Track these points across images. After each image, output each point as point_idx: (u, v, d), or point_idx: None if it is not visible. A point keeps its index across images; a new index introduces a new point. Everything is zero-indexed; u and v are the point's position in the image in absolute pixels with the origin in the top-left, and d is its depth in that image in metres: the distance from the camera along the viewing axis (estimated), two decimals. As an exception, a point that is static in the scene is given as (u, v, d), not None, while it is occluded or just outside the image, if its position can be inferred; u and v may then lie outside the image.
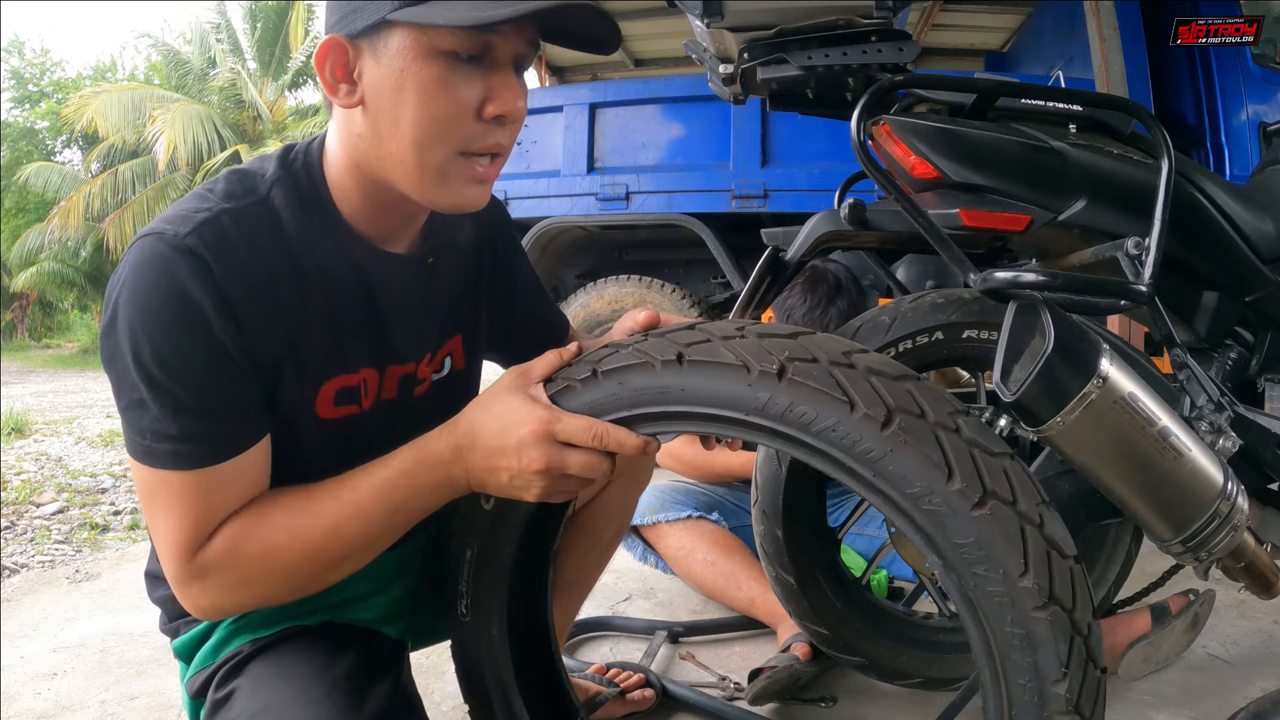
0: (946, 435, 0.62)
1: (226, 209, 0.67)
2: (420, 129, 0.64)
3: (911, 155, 1.01)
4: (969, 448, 0.62)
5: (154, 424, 0.64)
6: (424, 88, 0.63)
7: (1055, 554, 0.61)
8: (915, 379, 0.67)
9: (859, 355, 0.67)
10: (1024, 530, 0.60)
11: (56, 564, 2.17)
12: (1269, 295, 1.08)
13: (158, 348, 0.62)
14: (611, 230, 3.70)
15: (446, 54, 0.63)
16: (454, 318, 0.87)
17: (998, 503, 0.60)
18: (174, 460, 0.64)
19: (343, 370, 0.76)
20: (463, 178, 0.68)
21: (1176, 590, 1.36)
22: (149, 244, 0.64)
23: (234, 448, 0.67)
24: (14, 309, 19.59)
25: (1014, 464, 0.64)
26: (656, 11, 4.31)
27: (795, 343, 0.66)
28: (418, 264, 0.80)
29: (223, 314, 0.64)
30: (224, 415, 0.66)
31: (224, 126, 13.45)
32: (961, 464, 0.61)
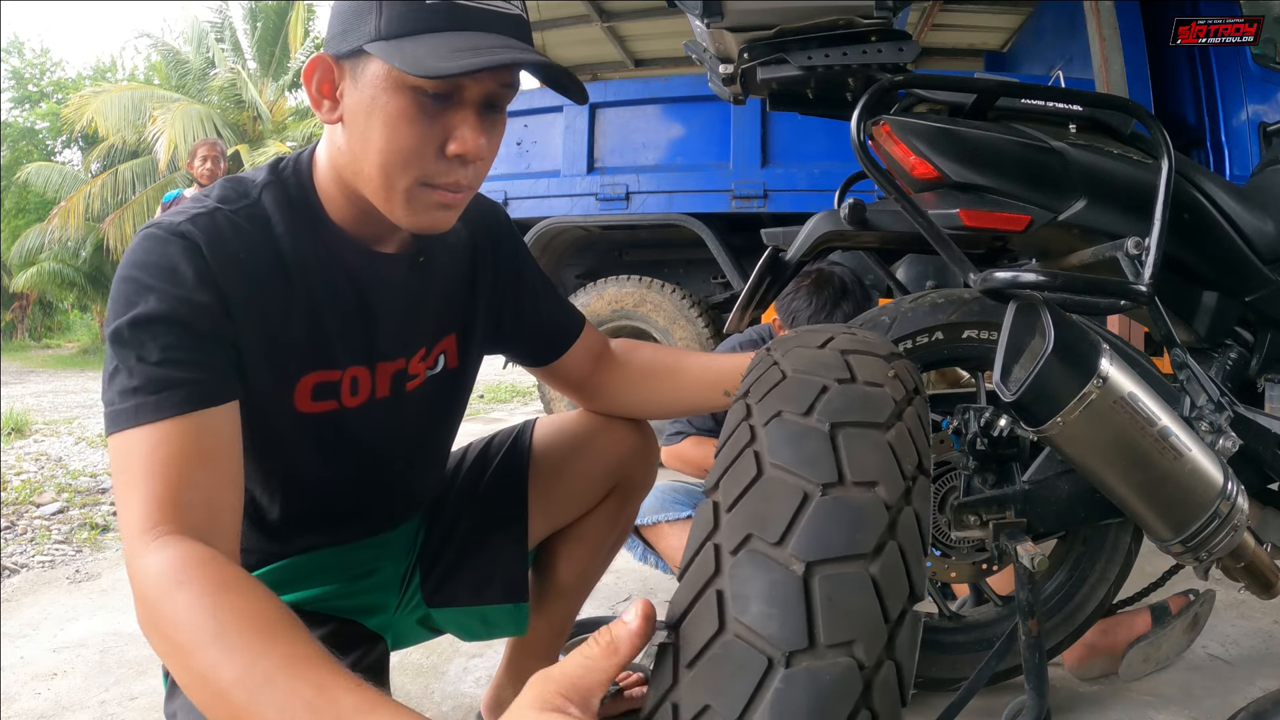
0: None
1: (220, 209, 0.70)
2: (384, 156, 0.67)
3: (911, 155, 1.01)
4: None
5: (120, 385, 0.63)
6: (390, 119, 0.66)
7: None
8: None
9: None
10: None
11: (56, 564, 2.17)
12: (1269, 295, 1.08)
13: (132, 305, 0.63)
14: (611, 230, 3.70)
15: (415, 89, 0.65)
16: (448, 316, 0.88)
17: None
18: (135, 414, 0.61)
19: (324, 366, 0.77)
20: (425, 204, 0.70)
21: (1176, 590, 1.36)
22: (146, 233, 0.67)
23: (197, 399, 0.63)
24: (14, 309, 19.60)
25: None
26: (656, 11, 4.32)
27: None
28: (408, 263, 0.82)
29: (205, 286, 0.66)
30: (189, 366, 0.64)
31: (224, 127, 13.43)
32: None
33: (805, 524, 0.48)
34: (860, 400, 0.58)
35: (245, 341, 0.69)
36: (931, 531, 0.63)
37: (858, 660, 0.44)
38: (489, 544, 0.99)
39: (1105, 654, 1.28)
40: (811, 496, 0.50)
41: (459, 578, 0.98)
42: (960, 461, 0.99)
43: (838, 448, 0.53)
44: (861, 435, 0.54)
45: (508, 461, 1.02)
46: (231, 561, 0.59)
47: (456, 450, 1.06)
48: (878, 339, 0.70)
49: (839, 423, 0.55)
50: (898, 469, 0.53)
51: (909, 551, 0.50)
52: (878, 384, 0.60)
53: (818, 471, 0.51)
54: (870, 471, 0.52)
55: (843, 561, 0.47)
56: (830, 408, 0.56)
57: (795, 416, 0.56)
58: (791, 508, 0.49)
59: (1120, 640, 1.28)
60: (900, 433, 0.56)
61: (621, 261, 4.01)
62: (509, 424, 1.09)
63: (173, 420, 0.62)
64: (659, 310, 3.49)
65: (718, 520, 0.52)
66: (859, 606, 0.46)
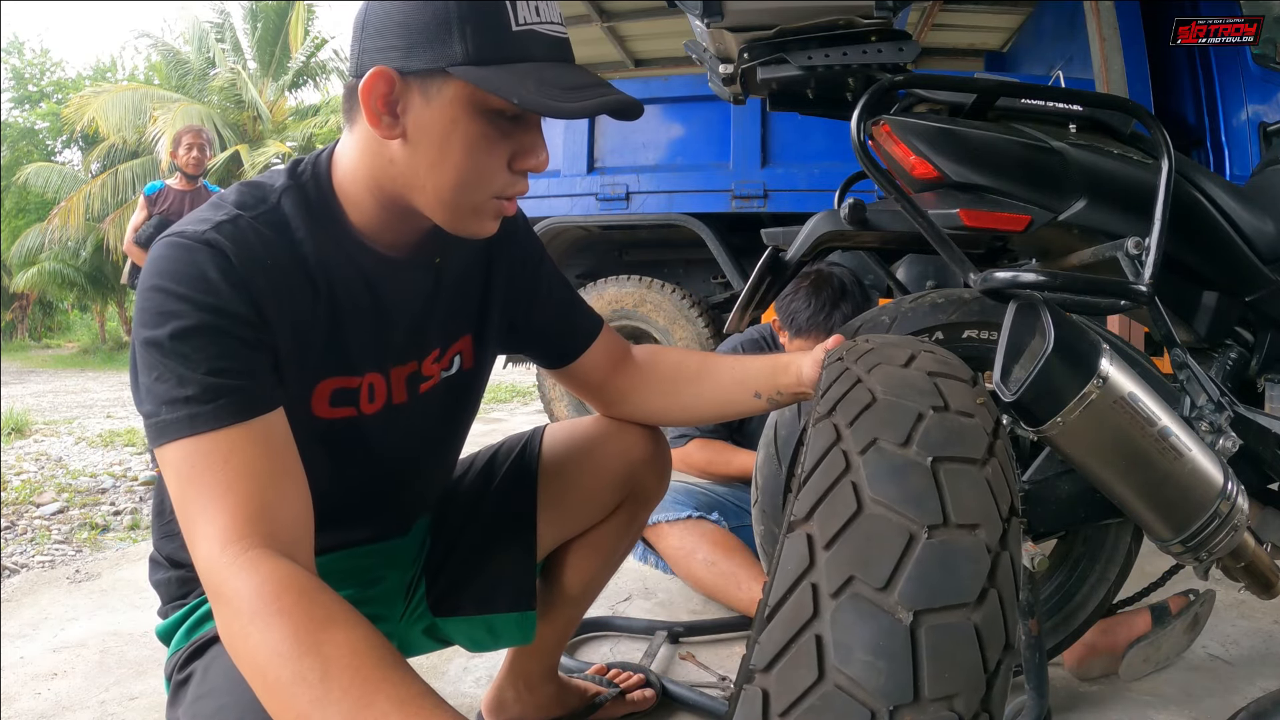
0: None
1: (241, 215, 0.69)
2: (462, 174, 0.68)
3: (911, 155, 1.01)
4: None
5: (168, 394, 0.61)
6: (471, 141, 0.67)
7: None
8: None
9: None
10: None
11: (56, 564, 2.17)
12: (1269, 295, 1.08)
13: (169, 316, 0.62)
14: (611, 230, 3.70)
15: (495, 113, 0.67)
16: (463, 317, 0.88)
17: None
18: (190, 423, 0.60)
19: (342, 372, 0.76)
20: (490, 213, 0.73)
21: (1176, 590, 1.36)
22: (169, 242, 0.66)
23: (255, 405, 0.63)
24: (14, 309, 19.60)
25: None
26: (656, 11, 4.32)
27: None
28: (425, 267, 0.81)
29: (239, 294, 0.65)
30: (239, 373, 0.63)
31: (224, 126, 13.45)
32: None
33: (911, 568, 0.46)
34: (958, 432, 0.55)
35: (279, 347, 0.69)
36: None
37: (958, 714, 0.43)
38: (496, 554, 0.98)
39: (1105, 654, 1.28)
40: (918, 539, 0.48)
41: (465, 588, 0.97)
42: (960, 461, 0.99)
43: (940, 485, 0.50)
44: (962, 472, 0.52)
45: (516, 470, 1.01)
46: (326, 587, 0.58)
47: (464, 458, 1.05)
48: (955, 360, 0.67)
49: (940, 457, 0.52)
50: (996, 510, 0.51)
51: (1006, 599, 0.48)
52: (969, 414, 0.58)
53: (923, 512, 0.49)
54: (972, 512, 0.49)
55: (949, 610, 0.45)
56: (929, 440, 0.54)
57: (894, 447, 0.54)
58: (897, 550, 0.47)
59: (1120, 640, 1.28)
60: (995, 469, 0.54)
61: (621, 261, 4.01)
62: (509, 424, 1.09)
63: (236, 428, 0.61)
64: (659, 310, 3.49)
65: (813, 557, 0.49)
66: (963, 658, 0.44)
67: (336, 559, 0.87)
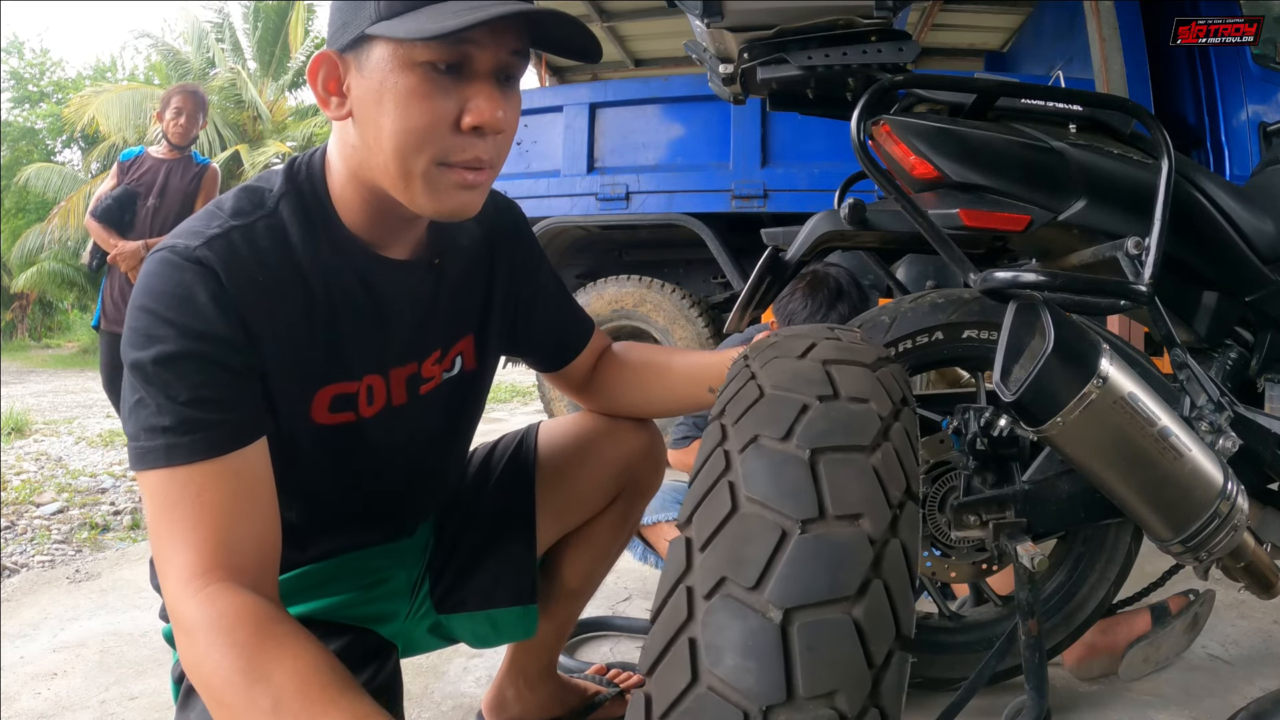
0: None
1: (235, 225, 0.68)
2: (399, 139, 0.65)
3: (911, 155, 1.01)
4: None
5: (147, 421, 0.62)
6: (400, 99, 0.64)
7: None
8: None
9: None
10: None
11: (56, 564, 2.17)
12: (1269, 295, 1.08)
13: (154, 340, 0.63)
14: (611, 230, 3.70)
15: (424, 65, 0.63)
16: (464, 318, 0.88)
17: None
18: (167, 455, 0.61)
19: (341, 378, 0.76)
20: (446, 185, 0.67)
21: (1176, 590, 1.36)
22: (160, 257, 0.66)
23: (232, 439, 0.64)
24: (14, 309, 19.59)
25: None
26: (656, 11, 4.32)
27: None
28: (424, 268, 0.81)
29: (229, 319, 0.65)
30: (219, 405, 0.64)
31: (224, 126, 13.44)
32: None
33: (783, 566, 0.45)
34: (844, 421, 0.54)
35: (269, 365, 0.69)
36: (921, 556, 0.57)
37: (839, 712, 0.42)
38: (498, 549, 0.98)
39: (1105, 654, 1.28)
40: (790, 534, 0.47)
41: (468, 583, 0.98)
42: (960, 461, 0.99)
43: (819, 478, 0.49)
44: (845, 461, 0.51)
45: (513, 466, 1.02)
46: (283, 616, 0.60)
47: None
48: (864, 344, 0.66)
49: (820, 448, 0.51)
50: (884, 497, 0.50)
51: (895, 589, 0.47)
52: (862, 399, 0.56)
53: (797, 507, 0.48)
54: (854, 503, 0.48)
55: (823, 606, 0.44)
56: (811, 431, 0.53)
57: (773, 442, 0.53)
58: (768, 548, 0.46)
59: (1120, 640, 1.28)
60: (887, 454, 0.52)
61: (621, 261, 4.01)
62: (510, 424, 1.09)
63: (209, 463, 0.62)
64: (659, 310, 3.49)
65: (690, 560, 0.49)
66: (841, 654, 0.43)
67: (344, 561, 0.87)
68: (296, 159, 0.76)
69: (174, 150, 2.89)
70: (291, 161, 0.76)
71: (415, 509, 0.94)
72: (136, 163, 2.90)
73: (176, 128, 2.86)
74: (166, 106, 2.88)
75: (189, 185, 2.84)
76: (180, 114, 2.86)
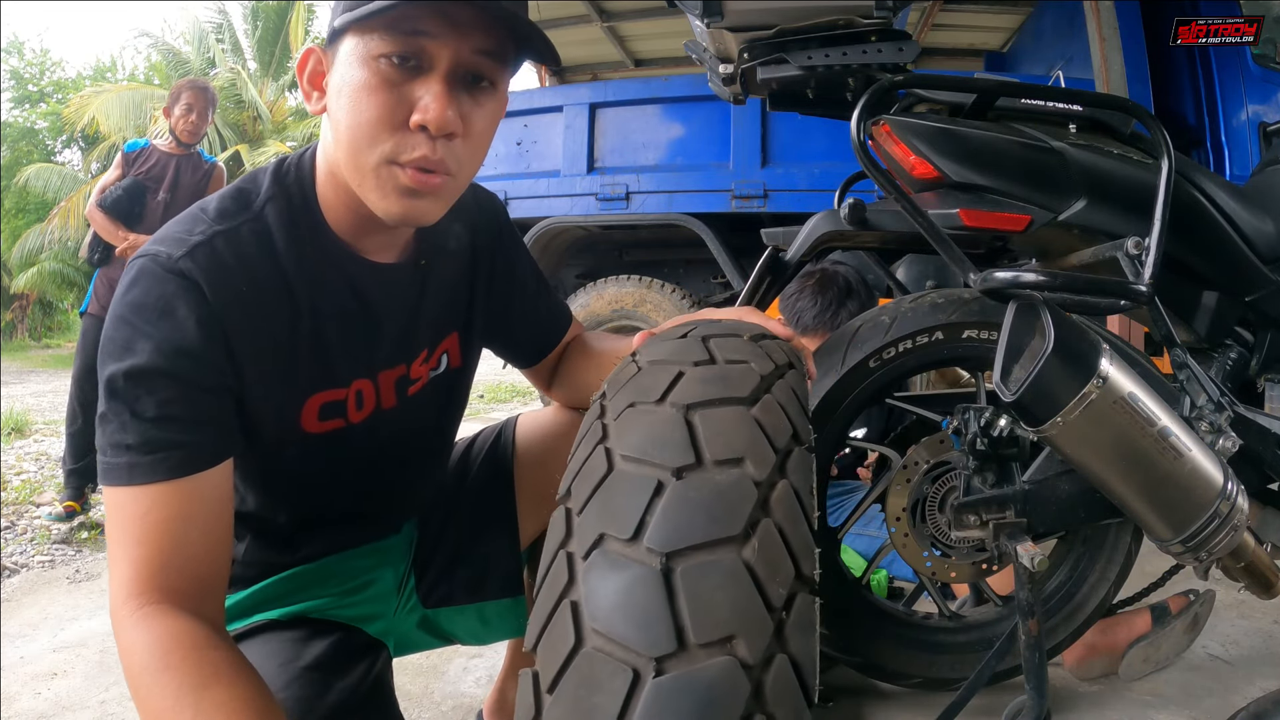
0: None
1: (219, 231, 0.67)
2: (350, 132, 0.64)
3: (911, 155, 1.01)
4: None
5: (113, 436, 0.62)
6: (353, 92, 0.63)
7: None
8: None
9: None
10: None
11: (56, 564, 2.17)
12: (1269, 295, 1.08)
13: (130, 352, 0.62)
14: (611, 230, 3.70)
15: (380, 58, 0.62)
16: (450, 315, 0.88)
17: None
18: (129, 473, 0.61)
19: (329, 385, 0.76)
20: (393, 186, 0.65)
21: (1176, 590, 1.36)
22: (142, 265, 0.64)
23: (193, 462, 0.63)
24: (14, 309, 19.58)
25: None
26: (656, 11, 4.32)
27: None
28: (411, 270, 0.80)
29: (209, 335, 0.64)
30: (185, 425, 0.63)
31: (224, 126, 13.44)
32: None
33: (660, 513, 0.43)
34: (719, 378, 0.53)
35: (249, 376, 0.68)
36: (816, 509, 0.54)
37: (739, 659, 0.39)
38: (481, 542, 0.98)
39: (1105, 654, 1.28)
40: (666, 483, 0.45)
41: (454, 577, 0.98)
42: (960, 461, 0.99)
43: (693, 428, 0.48)
44: (721, 413, 0.49)
45: (491, 459, 1.02)
46: (220, 642, 0.60)
47: None
48: (745, 325, 0.65)
49: (695, 404, 0.50)
50: (767, 443, 0.48)
51: (789, 529, 0.44)
52: (740, 360, 0.56)
53: (671, 456, 0.46)
54: (734, 449, 0.47)
55: (707, 548, 0.42)
56: (686, 391, 0.52)
57: (649, 405, 0.51)
58: (645, 499, 0.44)
59: (1120, 640, 1.28)
60: (769, 406, 0.51)
61: (621, 261, 4.01)
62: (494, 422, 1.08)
63: (166, 485, 0.61)
64: (659, 310, 3.49)
65: (570, 526, 0.47)
66: (734, 597, 0.40)
67: (331, 562, 0.87)
68: (285, 159, 0.75)
69: (182, 147, 2.79)
70: (280, 161, 0.74)
71: (403, 507, 0.94)
72: (143, 155, 2.78)
73: (187, 125, 2.74)
74: (176, 102, 2.75)
75: (199, 183, 2.80)
76: (191, 110, 2.74)
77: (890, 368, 1.10)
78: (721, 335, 0.60)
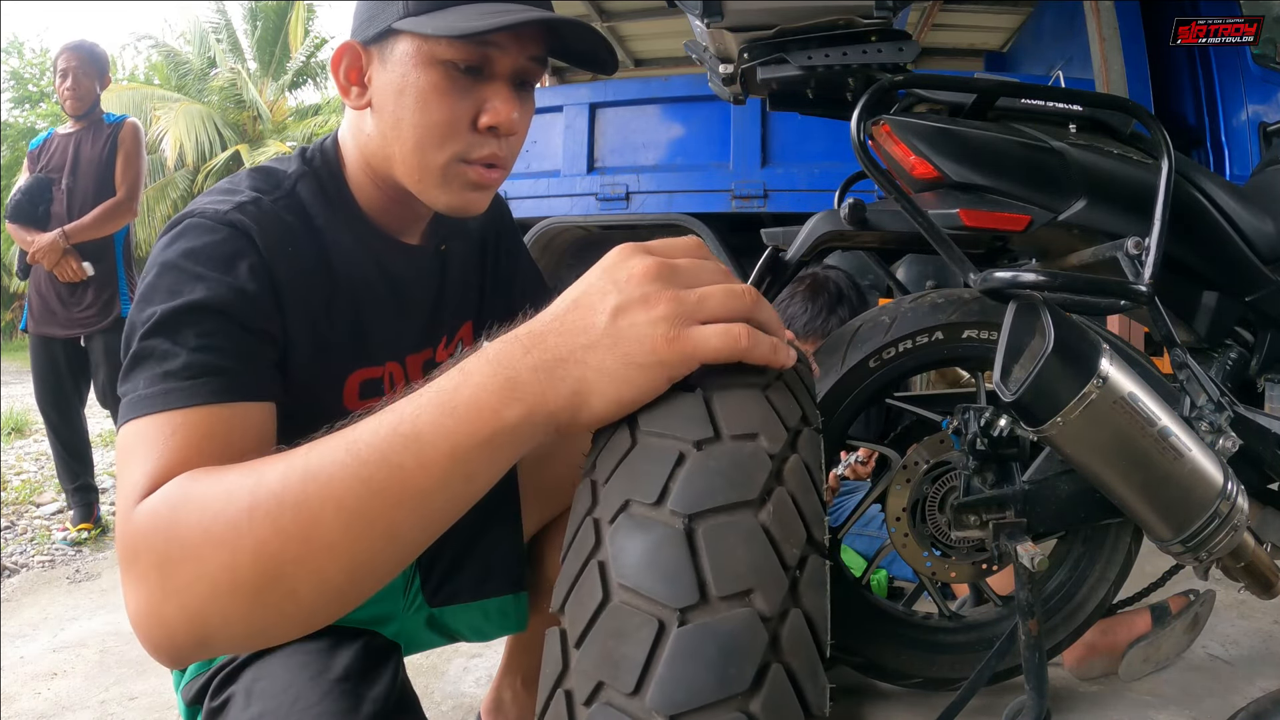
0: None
1: (260, 197, 0.68)
2: (418, 133, 0.67)
3: (911, 155, 1.01)
4: None
5: (151, 370, 0.56)
6: (422, 94, 0.66)
7: None
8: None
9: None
10: None
11: (56, 564, 2.17)
12: (1269, 295, 1.08)
13: (177, 292, 0.58)
14: (611, 230, 3.70)
15: (445, 63, 0.65)
16: (465, 303, 0.90)
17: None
18: (164, 399, 0.54)
19: (367, 362, 0.77)
20: (461, 182, 0.69)
21: (1176, 590, 1.36)
22: (189, 222, 0.63)
23: (236, 389, 0.57)
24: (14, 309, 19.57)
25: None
26: (656, 11, 4.32)
27: None
28: (431, 254, 0.83)
29: (257, 278, 0.62)
30: (232, 355, 0.58)
31: (225, 126, 13.45)
32: None
33: (682, 480, 0.47)
34: (735, 365, 0.55)
35: (294, 336, 0.67)
36: (825, 494, 0.59)
37: (758, 610, 0.42)
38: (484, 538, 0.99)
39: (1105, 654, 1.28)
40: (687, 454, 0.48)
41: (458, 575, 0.98)
42: (960, 461, 0.99)
43: (712, 406, 0.51)
44: (736, 394, 0.53)
45: None
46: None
47: None
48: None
49: (711, 385, 0.53)
50: (779, 420, 0.52)
51: (801, 498, 0.48)
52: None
53: (691, 429, 0.49)
54: (750, 425, 0.50)
55: (727, 510, 0.45)
56: (703, 375, 0.54)
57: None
58: (668, 467, 0.48)
59: (1120, 640, 1.28)
60: (780, 390, 0.55)
61: (621, 261, 4.01)
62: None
63: (206, 408, 0.55)
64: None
65: (595, 496, 0.50)
66: (752, 554, 0.44)
67: None
68: (308, 147, 0.76)
69: (78, 121, 2.38)
70: (303, 149, 0.76)
71: None
72: (45, 147, 2.43)
73: (65, 93, 2.34)
74: (56, 71, 2.37)
75: (102, 152, 2.37)
76: (67, 76, 2.32)
77: (890, 368, 1.10)
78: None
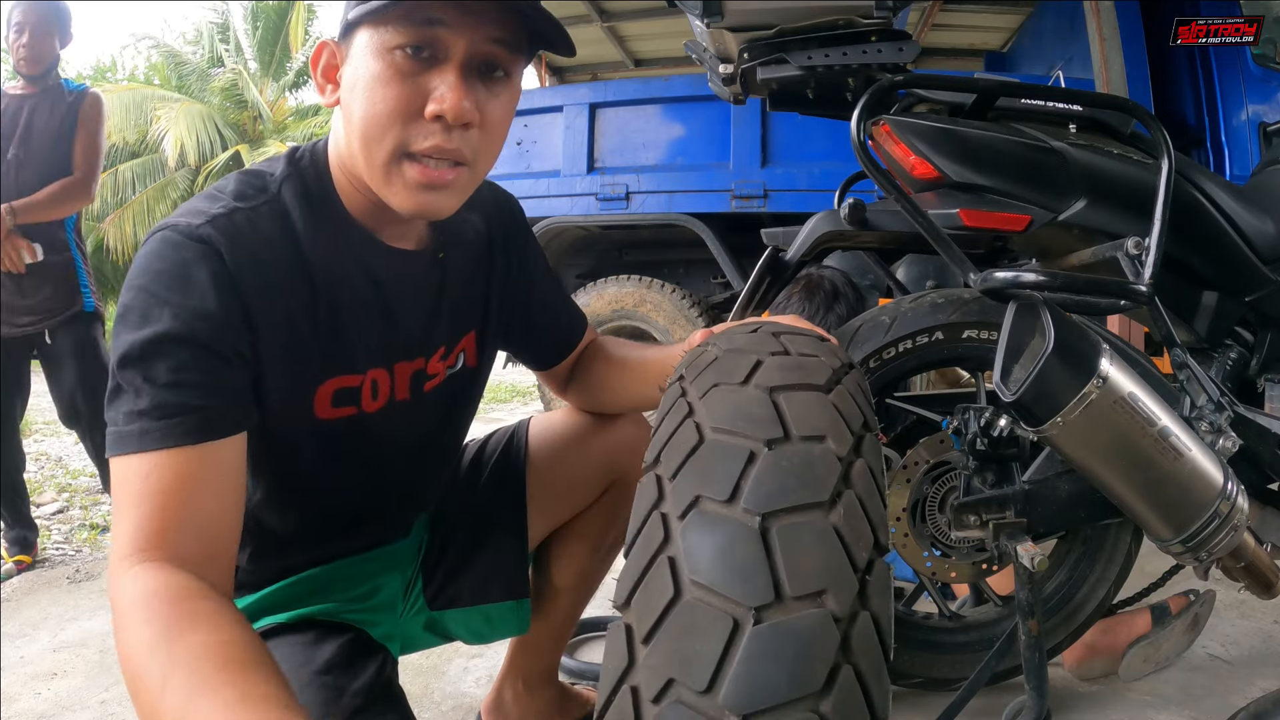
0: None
1: (239, 207, 0.67)
2: (364, 124, 0.65)
3: (911, 155, 1.01)
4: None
5: (125, 406, 0.60)
6: (368, 83, 0.64)
7: None
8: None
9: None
10: None
11: (56, 564, 2.17)
12: (1269, 295, 1.08)
13: (146, 319, 0.61)
14: (611, 230, 3.70)
15: (395, 50, 0.63)
16: (468, 313, 0.88)
17: None
18: (140, 439, 0.59)
19: (345, 371, 0.76)
20: (407, 180, 0.66)
21: (1176, 590, 1.36)
22: (162, 236, 0.64)
23: (208, 428, 0.61)
24: None
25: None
26: (656, 11, 4.32)
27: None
28: (428, 260, 0.81)
29: (227, 300, 0.63)
30: (201, 391, 0.61)
31: (225, 126, 13.44)
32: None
33: (754, 479, 0.46)
34: (796, 366, 0.57)
35: (264, 350, 0.67)
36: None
37: (831, 611, 0.41)
38: (489, 544, 0.98)
39: (1105, 654, 1.28)
40: (758, 454, 0.48)
41: (461, 579, 0.98)
42: (960, 461, 0.99)
43: (779, 407, 0.51)
44: (803, 396, 0.53)
45: (504, 461, 1.02)
46: (210, 593, 0.57)
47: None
48: (808, 330, 0.70)
49: (779, 387, 0.53)
50: (845, 425, 0.52)
51: (868, 500, 0.48)
52: (812, 354, 0.60)
53: (762, 429, 0.49)
54: (817, 427, 0.50)
55: (799, 511, 0.45)
56: (768, 376, 0.55)
57: (733, 385, 0.55)
58: (739, 466, 0.47)
59: (1120, 640, 1.28)
60: (843, 395, 0.55)
61: (621, 261, 4.00)
62: (507, 424, 1.09)
63: (178, 450, 0.59)
64: (659, 310, 3.49)
65: (661, 490, 0.50)
66: (824, 556, 0.43)
67: (338, 567, 0.87)
68: (299, 148, 0.75)
69: (31, 83, 2.05)
70: (293, 150, 0.75)
71: (411, 505, 0.94)
72: None
73: (20, 50, 2.00)
74: (9, 28, 2.03)
75: (61, 123, 2.05)
76: (23, 31, 1.99)
77: (890, 368, 1.10)
78: (790, 333, 0.65)
